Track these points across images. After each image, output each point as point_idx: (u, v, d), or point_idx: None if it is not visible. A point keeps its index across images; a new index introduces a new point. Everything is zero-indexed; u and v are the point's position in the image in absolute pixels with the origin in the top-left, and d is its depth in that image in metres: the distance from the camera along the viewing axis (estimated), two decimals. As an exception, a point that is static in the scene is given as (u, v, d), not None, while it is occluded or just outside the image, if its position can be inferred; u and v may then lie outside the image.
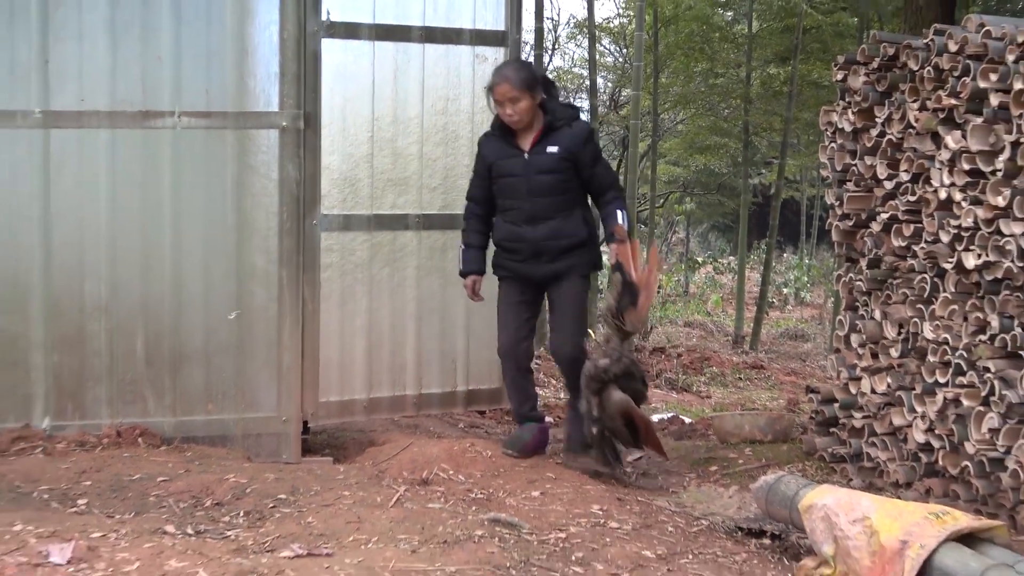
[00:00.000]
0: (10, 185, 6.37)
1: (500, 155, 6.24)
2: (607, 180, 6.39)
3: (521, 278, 6.36)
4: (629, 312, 6.03)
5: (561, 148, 6.11)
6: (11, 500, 5.46)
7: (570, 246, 6.25)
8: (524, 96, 6.01)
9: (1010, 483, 5.45)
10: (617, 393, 5.92)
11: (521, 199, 6.19)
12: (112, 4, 6.45)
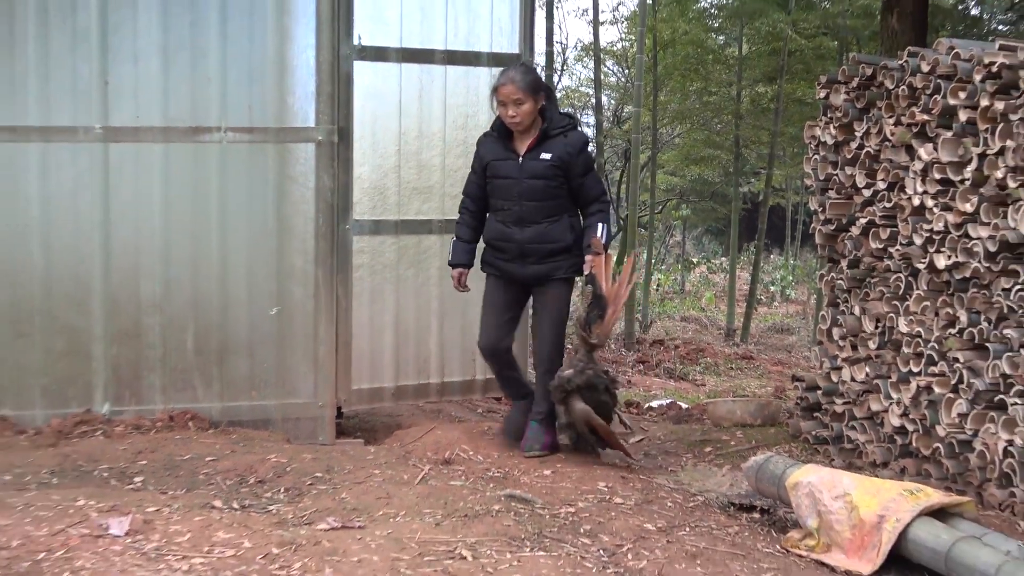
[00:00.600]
0: (73, 194, 6.38)
1: (496, 156, 6.01)
2: (594, 192, 6.09)
3: (506, 276, 6.11)
4: (596, 325, 5.83)
5: (554, 156, 5.85)
6: (74, 478, 5.46)
7: (555, 250, 5.96)
8: (527, 99, 5.79)
9: (977, 463, 5.43)
10: (579, 404, 5.69)
11: (512, 201, 5.95)
12: (164, 29, 6.45)
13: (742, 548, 4.75)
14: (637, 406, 8.60)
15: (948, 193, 5.61)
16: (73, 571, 4.14)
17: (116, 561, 4.26)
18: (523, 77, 5.80)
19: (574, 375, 5.68)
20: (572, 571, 4.30)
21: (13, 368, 6.35)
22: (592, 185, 6.05)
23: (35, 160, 6.33)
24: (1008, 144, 5.21)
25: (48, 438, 6.14)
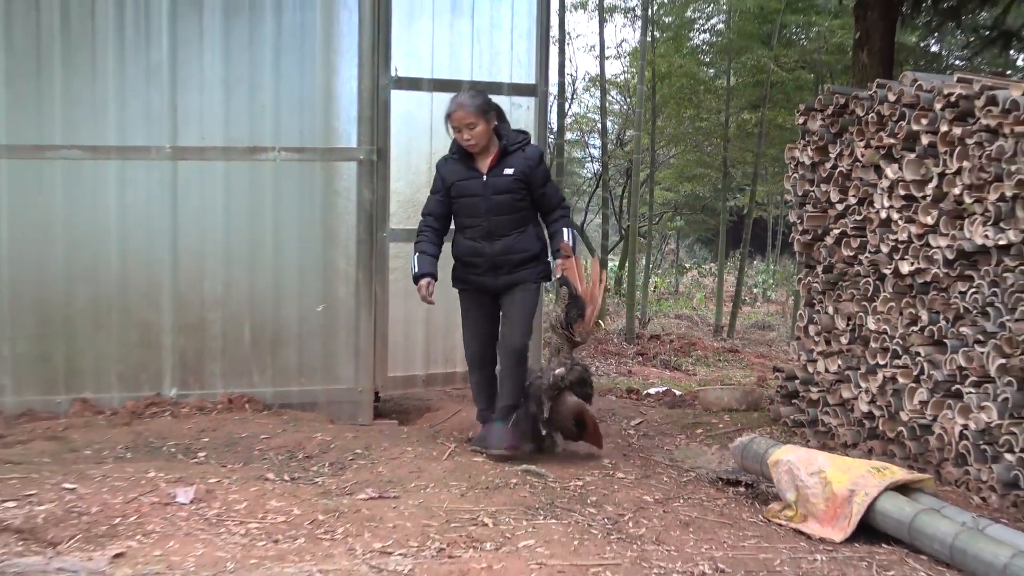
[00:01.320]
0: (146, 205, 6.39)
1: (460, 176, 5.55)
2: (555, 200, 5.66)
3: (478, 289, 5.66)
4: (578, 323, 5.50)
5: (516, 171, 5.45)
6: (146, 453, 5.47)
7: (524, 260, 5.54)
8: (479, 121, 5.37)
9: (936, 444, 5.41)
10: (572, 398, 5.41)
11: (480, 217, 5.50)
12: (226, 64, 6.47)
13: (729, 518, 4.74)
14: (637, 392, 8.57)
15: (911, 207, 5.59)
16: (145, 534, 4.14)
17: (182, 526, 4.27)
18: (472, 101, 5.43)
19: (567, 372, 5.39)
20: (580, 537, 4.29)
21: (93, 356, 6.37)
22: (552, 194, 5.66)
23: (114, 175, 6.35)
24: (964, 165, 5.19)
25: (123, 418, 6.15)
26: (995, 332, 5.04)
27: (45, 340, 6.32)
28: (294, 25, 6.61)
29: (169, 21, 6.34)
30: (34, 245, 6.25)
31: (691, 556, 4.12)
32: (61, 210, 6.29)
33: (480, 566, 3.88)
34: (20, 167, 6.20)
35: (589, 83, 20.06)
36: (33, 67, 6.20)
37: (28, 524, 4.22)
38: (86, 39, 6.27)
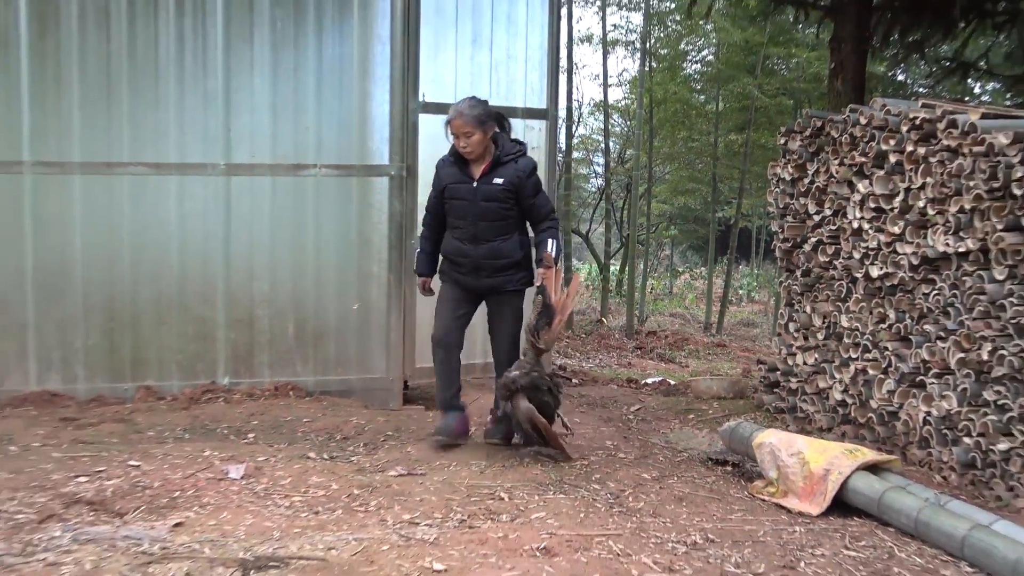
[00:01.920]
0: (202, 215, 6.42)
1: (453, 179, 5.19)
2: (544, 211, 5.23)
3: (460, 285, 5.28)
4: (544, 331, 5.10)
5: (506, 180, 5.08)
6: (202, 434, 5.49)
7: (506, 265, 5.16)
8: (476, 131, 5.02)
9: (902, 429, 5.40)
10: (524, 402, 4.91)
11: (467, 220, 5.14)
12: (273, 91, 6.49)
13: (718, 493, 4.74)
14: (636, 382, 8.57)
15: (880, 219, 5.58)
16: (201, 506, 4.16)
17: (234, 498, 4.28)
18: (471, 111, 5.05)
19: (519, 376, 4.93)
20: (586, 510, 4.28)
21: (156, 348, 6.40)
22: (542, 205, 5.24)
23: (174, 189, 6.37)
24: (928, 181, 5.18)
25: (182, 403, 6.17)
26: (955, 329, 5.03)
27: (113, 334, 6.35)
28: (334, 56, 6.64)
29: (224, 53, 6.37)
30: (104, 250, 6.28)
31: (684, 527, 4.12)
32: (128, 219, 6.32)
33: (497, 535, 3.88)
34: (92, 182, 6.23)
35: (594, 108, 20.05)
36: (104, 93, 6.23)
37: (98, 497, 4.24)
38: (150, 69, 6.30)
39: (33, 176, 6.14)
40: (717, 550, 3.85)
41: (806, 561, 3.77)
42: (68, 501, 4.18)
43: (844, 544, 4.00)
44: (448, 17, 6.91)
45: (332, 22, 6.60)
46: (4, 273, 6.14)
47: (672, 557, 3.73)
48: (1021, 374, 4.64)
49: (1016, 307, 4.66)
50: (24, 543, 3.67)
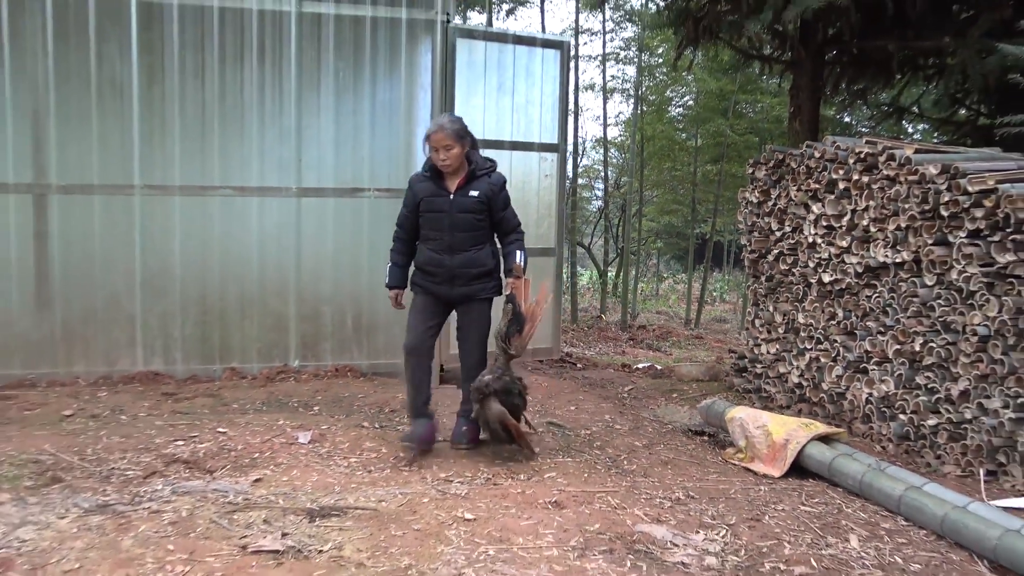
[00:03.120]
0: (278, 229, 6.43)
1: (429, 193, 4.51)
2: (512, 224, 4.61)
3: (433, 295, 4.56)
4: (515, 338, 4.52)
5: (480, 193, 4.46)
6: (276, 406, 5.49)
7: (480, 274, 4.51)
8: (456, 144, 4.38)
9: (848, 407, 5.36)
10: (496, 405, 4.31)
11: (443, 231, 4.48)
12: (336, 129, 6.51)
13: (697, 458, 4.72)
14: (628, 367, 8.53)
15: (831, 234, 5.54)
16: (276, 465, 4.17)
17: (302, 459, 4.28)
18: (452, 125, 4.43)
19: (492, 380, 4.37)
20: (589, 471, 4.27)
21: (240, 337, 6.41)
22: (511, 218, 4.62)
23: (255, 208, 6.39)
24: (870, 204, 5.14)
25: (260, 382, 6.18)
26: (892, 326, 5.00)
27: (205, 325, 6.37)
28: (384, 101, 6.64)
29: (296, 98, 6.38)
30: (198, 256, 6.31)
31: (669, 485, 4.11)
32: (218, 232, 6.34)
33: (517, 491, 3.88)
34: (189, 201, 6.25)
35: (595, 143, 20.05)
36: (199, 130, 6.25)
37: (192, 457, 4.26)
38: (237, 110, 6.32)
39: (142, 197, 6.17)
40: (696, 504, 3.84)
41: (769, 514, 3.75)
42: (168, 460, 4.20)
43: (801, 501, 3.99)
44: (478, 70, 6.91)
45: (383, 74, 6.61)
46: (118, 276, 6.17)
47: (659, 510, 3.72)
48: (947, 363, 4.61)
49: (943, 308, 4.62)
50: (133, 494, 3.69)
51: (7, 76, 5.87)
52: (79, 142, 6.04)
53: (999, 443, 4.27)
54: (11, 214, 5.94)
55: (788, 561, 3.22)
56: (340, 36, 6.45)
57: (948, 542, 3.48)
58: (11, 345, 5.97)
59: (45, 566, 2.92)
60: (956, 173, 4.56)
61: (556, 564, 3.06)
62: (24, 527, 3.26)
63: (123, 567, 2.93)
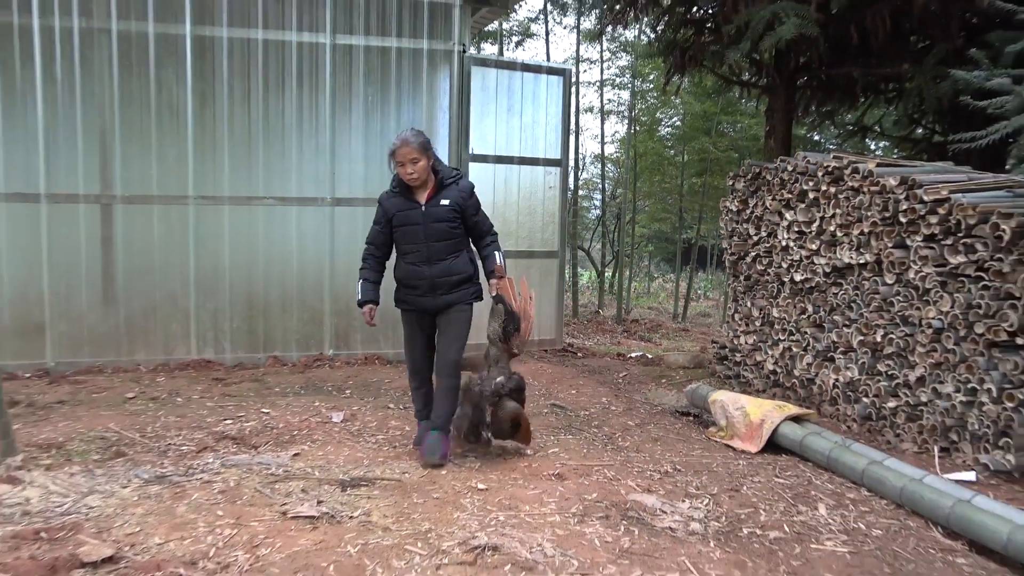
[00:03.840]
0: (315, 233, 6.44)
1: (400, 208, 4.04)
2: (485, 227, 4.15)
3: (419, 309, 4.09)
4: (515, 337, 4.19)
5: (452, 201, 3.98)
6: (313, 390, 5.50)
7: (459, 281, 4.04)
8: (421, 157, 3.92)
9: (817, 391, 5.32)
10: (511, 403, 3.98)
11: (420, 243, 4.01)
12: (365, 147, 6.51)
13: (683, 436, 4.70)
14: (623, 355, 8.50)
15: (802, 239, 5.50)
16: (312, 441, 4.17)
17: (336, 436, 4.29)
18: (416, 139, 3.96)
19: (506, 381, 4.02)
20: (588, 447, 4.26)
21: (281, 329, 6.42)
22: (483, 221, 4.15)
23: (294, 215, 6.40)
24: (837, 211, 5.11)
25: (299, 368, 6.19)
26: (856, 319, 4.97)
27: (251, 319, 6.38)
28: (408, 121, 6.63)
29: (330, 119, 6.39)
30: (244, 258, 6.32)
31: (659, 460, 4.09)
32: (261, 237, 6.36)
33: (523, 464, 3.87)
34: (237, 210, 6.27)
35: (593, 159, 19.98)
36: (246, 147, 6.27)
37: (239, 434, 4.26)
38: (278, 130, 6.33)
39: (195, 206, 6.18)
40: (682, 476, 3.83)
41: (747, 485, 3.73)
42: (218, 437, 4.20)
43: (775, 474, 3.96)
44: (490, 94, 6.90)
45: (407, 97, 6.61)
46: (174, 276, 6.19)
47: (650, 481, 3.71)
48: (905, 352, 4.58)
49: (902, 303, 4.59)
50: (187, 467, 3.69)
51: (78, 101, 5.90)
52: (140, 158, 6.07)
53: (951, 423, 4.25)
54: (81, 222, 5.96)
55: (763, 527, 3.20)
56: (369, 65, 6.46)
57: (906, 511, 3.46)
58: (82, 337, 6.00)
59: (110, 529, 2.93)
60: (913, 184, 4.53)
61: (558, 528, 3.05)
62: (92, 495, 3.27)
63: (178, 530, 2.94)
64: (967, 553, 3.07)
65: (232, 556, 2.72)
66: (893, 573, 2.83)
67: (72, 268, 5.97)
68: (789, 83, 7.89)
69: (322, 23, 6.32)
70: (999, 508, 3.22)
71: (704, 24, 7.94)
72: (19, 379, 5.62)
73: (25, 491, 3.26)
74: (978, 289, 4.12)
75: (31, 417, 4.53)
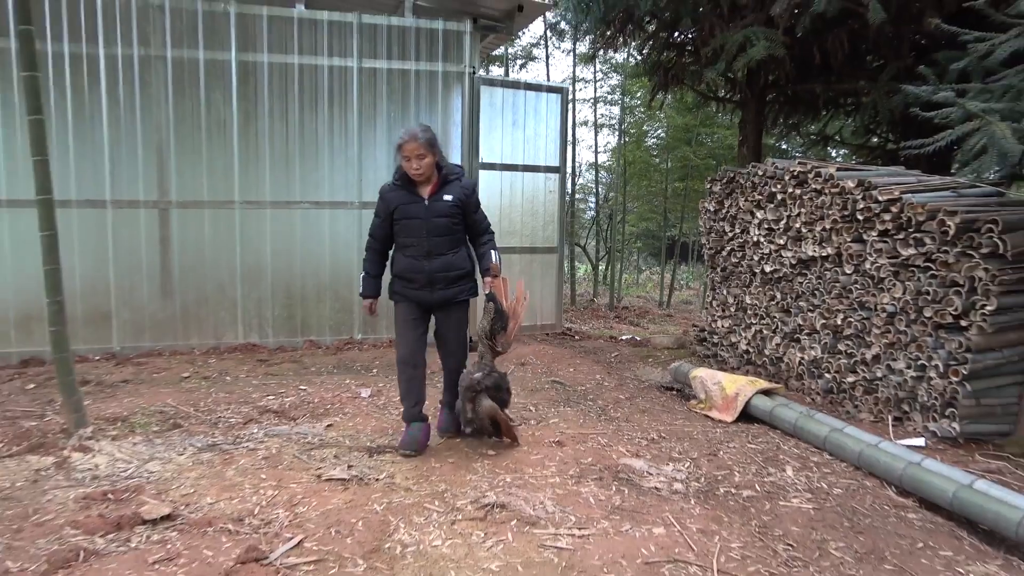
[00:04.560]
0: (345, 233, 6.42)
1: (403, 201, 3.57)
2: (484, 225, 3.72)
3: (414, 302, 3.64)
4: (500, 336, 3.78)
5: (454, 197, 3.56)
6: (344, 369, 5.49)
7: (457, 277, 3.62)
8: (428, 153, 3.47)
9: (785, 368, 5.29)
10: (487, 400, 3.54)
11: (421, 237, 3.57)
12: (388, 155, 6.47)
13: (668, 407, 4.68)
14: (615, 338, 8.48)
15: (771, 235, 5.46)
16: (343, 414, 4.16)
17: (364, 409, 4.28)
18: (424, 135, 3.49)
19: (483, 377, 3.60)
20: (584, 418, 4.25)
21: (316, 316, 6.41)
22: (482, 220, 3.73)
23: (327, 217, 6.38)
24: (801, 211, 5.06)
25: (331, 351, 6.19)
26: (819, 305, 4.93)
27: (290, 307, 6.37)
28: (426, 134, 6.62)
29: (358, 133, 6.36)
30: (284, 255, 6.31)
31: (646, 428, 4.08)
32: (298, 236, 6.34)
33: (527, 433, 3.86)
34: (277, 213, 6.26)
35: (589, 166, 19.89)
36: (284, 158, 6.26)
37: (280, 408, 4.26)
38: (312, 142, 6.32)
39: (241, 210, 6.17)
40: (666, 443, 3.81)
41: (723, 450, 3.71)
42: (262, 410, 4.21)
43: (748, 440, 3.95)
44: (497, 109, 6.86)
45: (425, 113, 6.57)
46: (223, 270, 6.19)
47: (638, 447, 3.69)
48: (862, 334, 4.54)
49: (859, 291, 4.56)
50: (235, 436, 3.70)
51: (138, 119, 5.89)
52: (192, 169, 6.06)
53: (903, 396, 4.22)
54: (142, 224, 5.97)
55: (738, 486, 3.19)
56: (391, 85, 6.43)
57: (864, 472, 3.44)
58: (143, 324, 6.01)
59: (168, 491, 2.94)
60: (869, 186, 4.49)
61: (558, 488, 3.05)
62: (152, 462, 3.28)
63: (227, 491, 2.94)
64: (917, 509, 3.06)
65: (274, 513, 2.73)
66: (852, 526, 2.81)
67: (134, 264, 5.97)
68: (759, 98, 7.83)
69: (350, 49, 6.29)
70: (945, 470, 3.20)
71: (684, 47, 7.88)
72: (89, 361, 5.64)
73: (94, 458, 3.28)
74: (927, 278, 4.08)
75: (100, 394, 4.54)
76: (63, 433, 3.59)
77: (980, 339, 3.83)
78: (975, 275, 3.85)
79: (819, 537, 2.68)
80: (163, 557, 2.32)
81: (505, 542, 2.50)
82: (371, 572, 2.29)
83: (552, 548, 2.47)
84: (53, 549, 2.38)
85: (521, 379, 5.29)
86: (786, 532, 2.71)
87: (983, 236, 3.83)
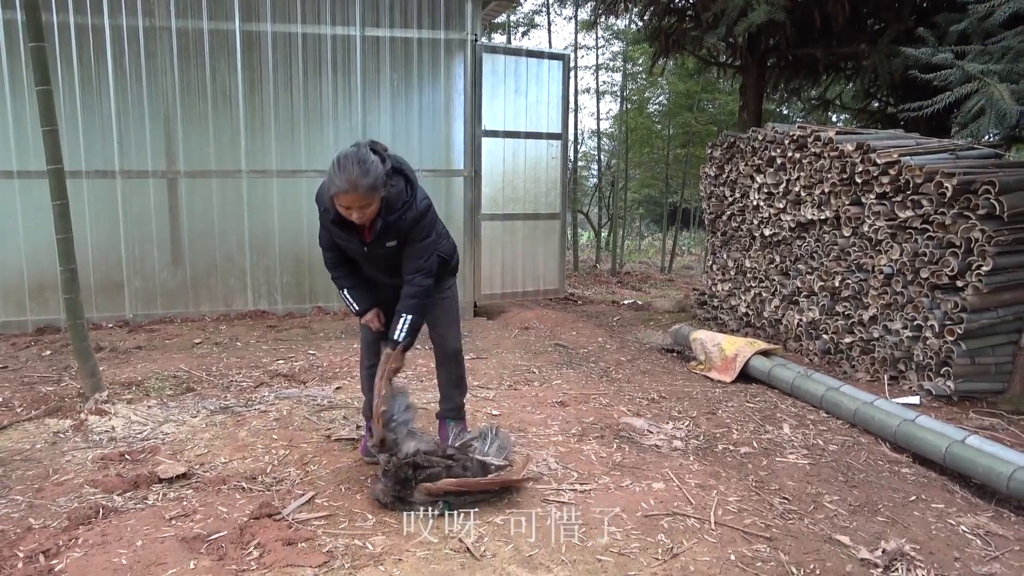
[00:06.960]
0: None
1: (342, 239, 2.69)
2: (416, 264, 2.65)
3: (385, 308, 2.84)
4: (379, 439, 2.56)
5: (397, 241, 2.63)
6: (351, 335, 5.49)
7: None
8: (372, 201, 2.47)
9: (784, 330, 5.30)
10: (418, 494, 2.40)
11: (368, 267, 2.78)
12: (392, 124, 6.42)
13: (668, 369, 4.70)
14: (617, 303, 8.49)
15: (771, 199, 5.42)
16: (351, 378, 4.19)
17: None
18: (364, 181, 2.44)
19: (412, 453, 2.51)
20: (586, 379, 4.27)
21: (323, 284, 6.40)
22: (419, 255, 2.67)
23: (333, 186, 6.35)
24: (800, 174, 5.02)
25: (339, 317, 6.20)
26: (817, 267, 4.92)
27: (298, 275, 6.38)
28: (429, 102, 6.54)
29: (362, 101, 6.30)
30: (292, 224, 6.29)
31: (647, 389, 4.10)
32: (305, 205, 6.31)
33: (531, 394, 3.88)
34: (284, 182, 6.23)
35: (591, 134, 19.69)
36: (289, 127, 6.21)
37: (290, 372, 4.29)
38: (317, 111, 6.26)
39: (248, 179, 6.14)
40: (667, 403, 3.83)
41: (722, 409, 3.73)
42: (272, 374, 4.24)
43: (746, 399, 3.97)
44: (499, 76, 6.78)
45: (428, 82, 6.50)
46: (232, 239, 6.18)
47: (639, 407, 3.71)
48: (860, 295, 4.54)
49: (857, 253, 4.54)
50: (247, 399, 3.73)
51: (144, 90, 5.84)
52: (199, 138, 6.02)
53: (899, 355, 4.22)
54: (151, 194, 5.95)
55: (736, 443, 3.21)
56: (394, 53, 6.34)
57: (859, 429, 3.46)
58: (154, 292, 6.03)
59: (183, 451, 2.97)
60: (868, 149, 4.44)
61: (561, 447, 3.07)
62: (167, 424, 3.32)
63: (240, 451, 2.97)
64: (911, 464, 3.08)
65: (286, 472, 2.76)
66: (846, 480, 2.83)
67: (145, 234, 5.97)
68: (760, 63, 7.71)
69: (353, 18, 6.19)
70: (939, 426, 3.22)
71: (685, 12, 7.74)
72: (103, 328, 5.67)
73: (111, 421, 3.31)
74: (923, 239, 4.06)
75: (114, 360, 4.58)
76: (80, 397, 3.63)
77: (975, 299, 3.82)
78: (972, 236, 3.82)
79: (814, 491, 2.71)
80: (180, 513, 2.36)
81: (509, 498, 2.53)
82: (380, 526, 2.32)
83: (555, 502, 2.50)
84: (74, 507, 2.42)
85: (525, 342, 5.31)
86: (782, 486, 2.73)
87: (980, 198, 3.79)
